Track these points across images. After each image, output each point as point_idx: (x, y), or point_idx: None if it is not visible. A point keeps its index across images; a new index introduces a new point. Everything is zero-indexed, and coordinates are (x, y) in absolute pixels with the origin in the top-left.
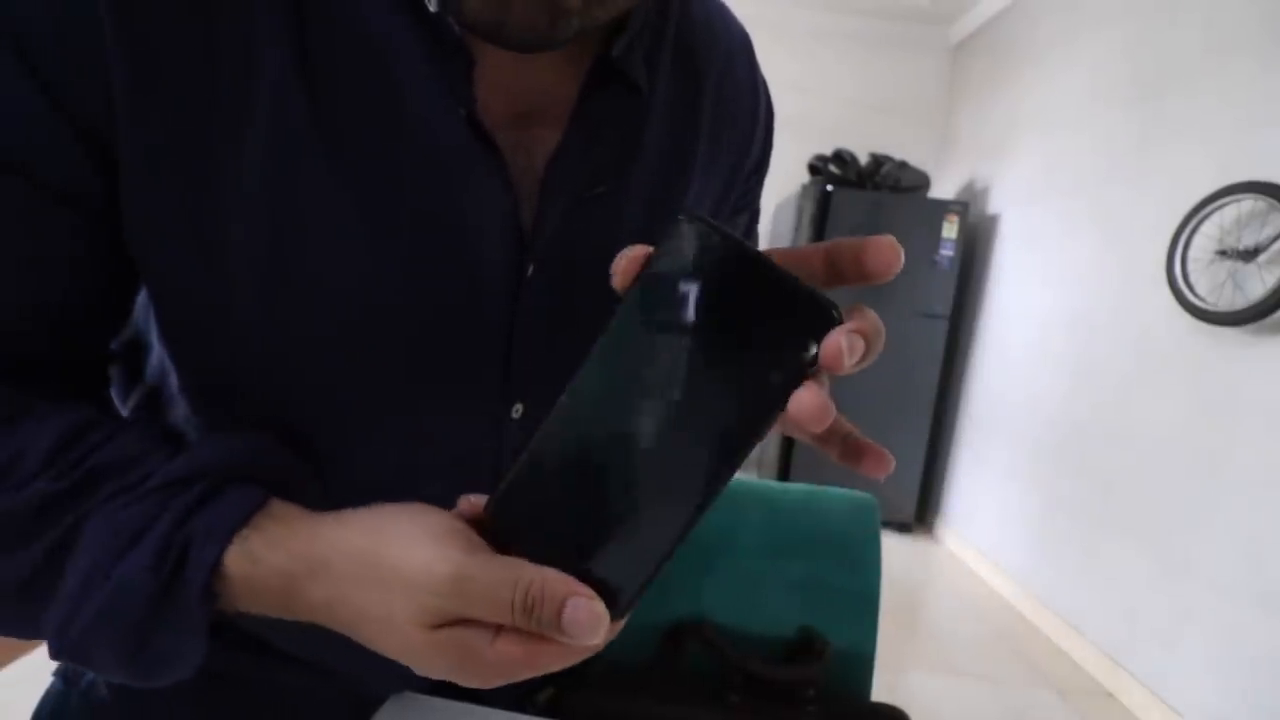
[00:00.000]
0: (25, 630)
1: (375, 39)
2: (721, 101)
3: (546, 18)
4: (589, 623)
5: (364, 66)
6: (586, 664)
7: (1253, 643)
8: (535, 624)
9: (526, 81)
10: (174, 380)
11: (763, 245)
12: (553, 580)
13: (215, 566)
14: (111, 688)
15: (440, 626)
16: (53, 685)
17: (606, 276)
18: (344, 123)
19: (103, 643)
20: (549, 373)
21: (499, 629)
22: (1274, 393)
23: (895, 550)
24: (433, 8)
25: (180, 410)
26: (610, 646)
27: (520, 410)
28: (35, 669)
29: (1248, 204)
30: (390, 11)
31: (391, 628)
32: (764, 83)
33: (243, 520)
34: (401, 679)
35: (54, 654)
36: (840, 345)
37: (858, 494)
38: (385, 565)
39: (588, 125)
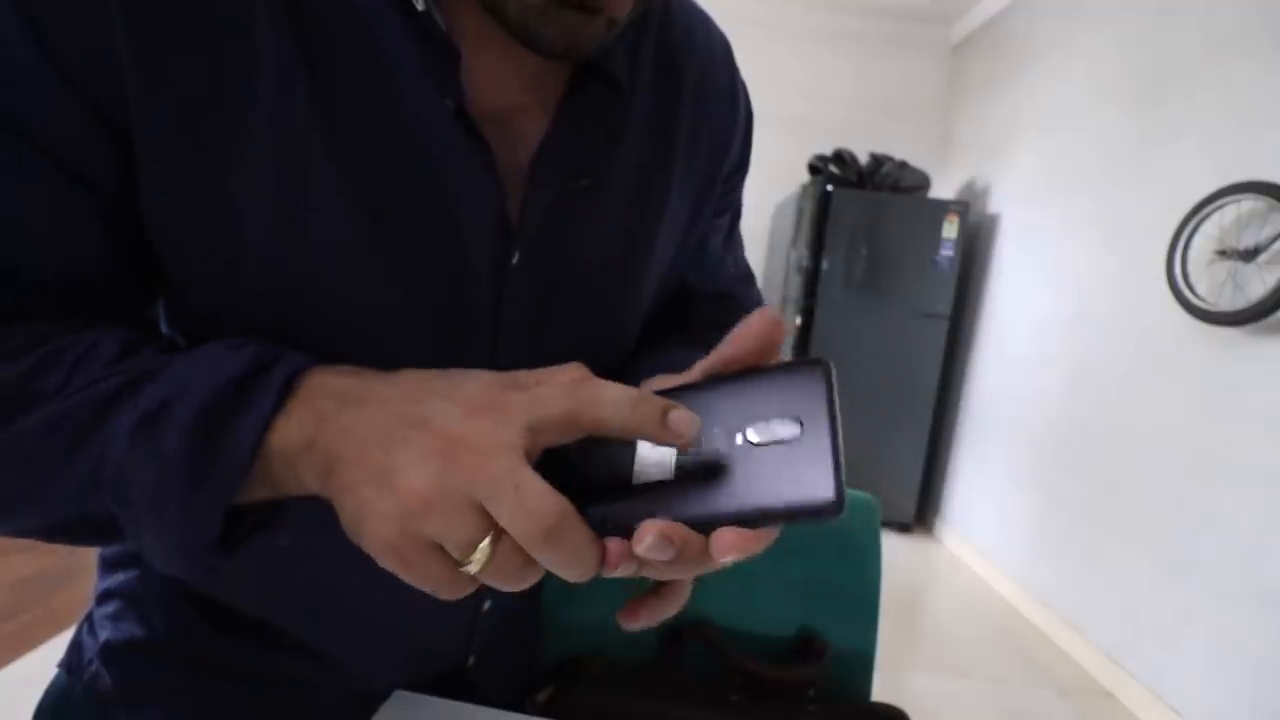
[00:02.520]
0: (65, 468)
1: (368, 35)
2: (700, 105)
3: (604, 33)
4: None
5: (358, 61)
6: (586, 663)
7: (1253, 643)
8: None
9: (512, 77)
10: None
11: (765, 244)
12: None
13: (299, 371)
14: (115, 676)
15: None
16: (56, 677)
17: (588, 265)
18: (341, 115)
19: (185, 410)
20: (535, 357)
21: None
22: (1274, 393)
23: (895, 550)
24: (420, 6)
25: None
26: (610, 646)
27: None
28: (39, 667)
29: (1248, 204)
30: (381, 8)
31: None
32: (743, 88)
33: (316, 365)
34: (402, 671)
35: (131, 429)
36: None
37: (858, 494)
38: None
39: (572, 119)
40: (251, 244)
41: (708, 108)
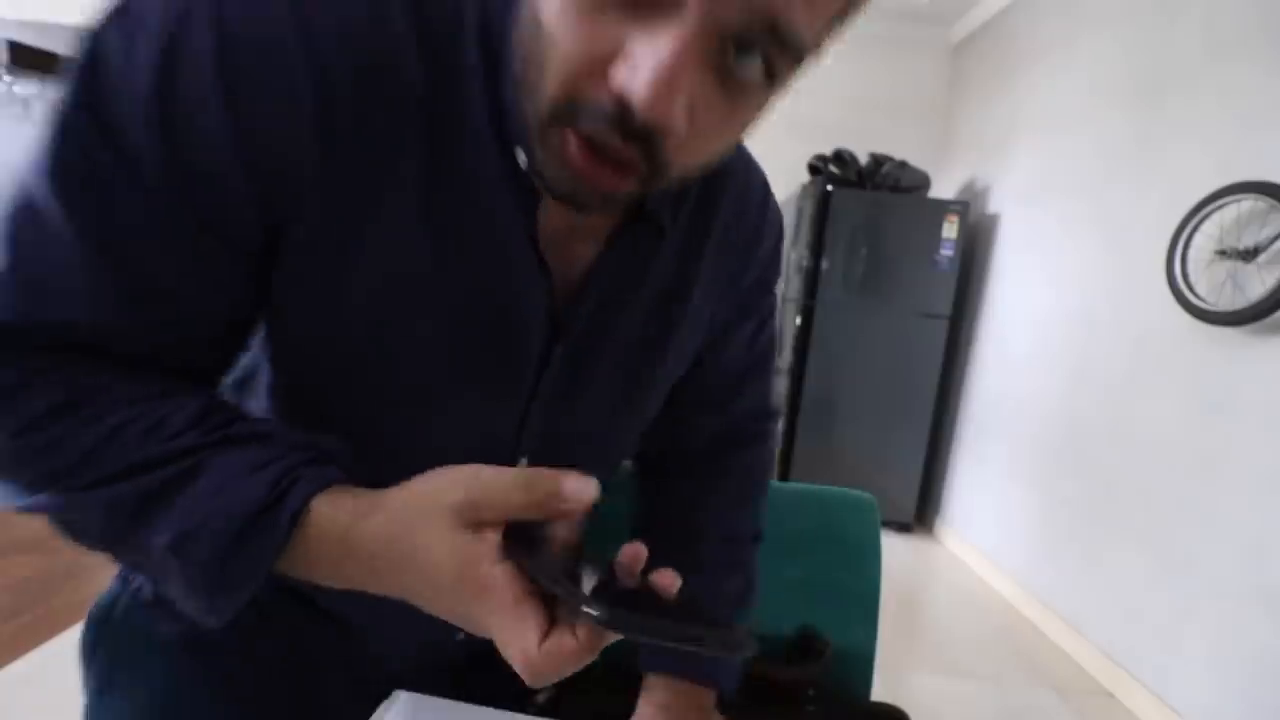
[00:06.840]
0: (126, 542)
1: (479, 178)
2: (727, 231)
3: (611, 200)
4: (581, 484)
5: (464, 193)
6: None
7: (1253, 642)
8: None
9: (572, 213)
10: (264, 379)
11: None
12: (545, 471)
13: (310, 497)
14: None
15: (470, 527)
16: (111, 585)
17: (617, 357)
18: (448, 235)
19: (206, 543)
20: (553, 432)
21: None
22: (1274, 393)
23: (895, 550)
24: (523, 166)
25: (260, 401)
26: (610, 646)
27: (524, 463)
28: (39, 668)
29: (1248, 204)
30: (493, 163)
31: (429, 566)
32: (774, 219)
33: (334, 480)
34: (418, 641)
35: (167, 545)
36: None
37: (858, 494)
38: (408, 539)
39: (617, 249)
40: (359, 320)
41: (732, 233)
